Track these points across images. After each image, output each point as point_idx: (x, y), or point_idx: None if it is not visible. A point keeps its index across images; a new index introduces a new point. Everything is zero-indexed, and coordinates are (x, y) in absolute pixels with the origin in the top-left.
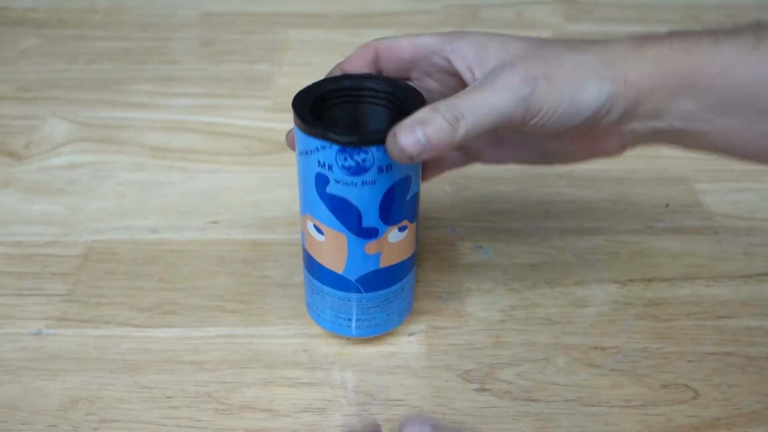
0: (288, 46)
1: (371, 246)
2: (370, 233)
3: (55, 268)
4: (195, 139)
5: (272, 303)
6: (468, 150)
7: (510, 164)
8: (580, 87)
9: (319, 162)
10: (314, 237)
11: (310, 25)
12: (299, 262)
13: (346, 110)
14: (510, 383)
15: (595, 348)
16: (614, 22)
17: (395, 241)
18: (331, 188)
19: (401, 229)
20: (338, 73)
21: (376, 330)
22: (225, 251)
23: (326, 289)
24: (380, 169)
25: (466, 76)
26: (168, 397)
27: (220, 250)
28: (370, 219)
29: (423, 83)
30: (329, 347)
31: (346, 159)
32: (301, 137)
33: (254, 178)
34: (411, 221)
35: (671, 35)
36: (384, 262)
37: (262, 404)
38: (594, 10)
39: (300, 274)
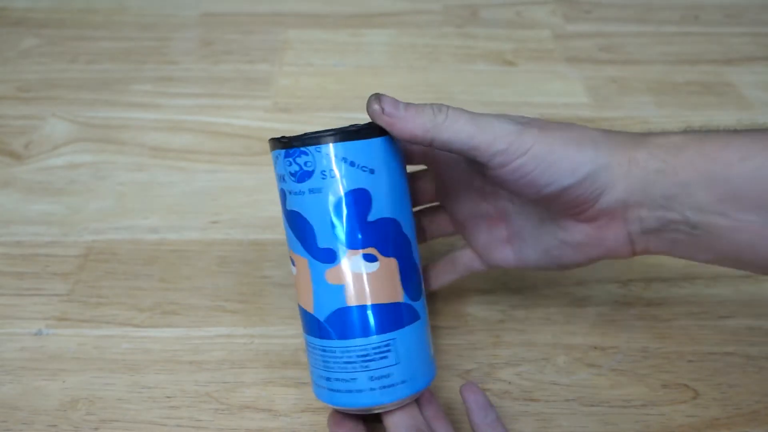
0: (288, 46)
1: (331, 273)
2: (328, 256)
3: (55, 268)
4: (195, 139)
5: (272, 303)
6: (477, 247)
7: (524, 267)
8: (574, 145)
9: (277, 176)
10: (293, 273)
11: (310, 25)
12: None
13: None
14: (510, 383)
15: (595, 348)
16: (614, 22)
17: (360, 272)
18: (289, 203)
19: (368, 258)
20: None
21: (352, 399)
22: (225, 251)
23: (308, 338)
24: (323, 175)
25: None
26: (168, 397)
27: (220, 250)
28: (325, 237)
29: None
30: None
31: (290, 164)
32: (273, 159)
33: (254, 178)
34: (384, 253)
35: (686, 130)
36: (351, 299)
37: (262, 404)
38: (594, 10)
39: None
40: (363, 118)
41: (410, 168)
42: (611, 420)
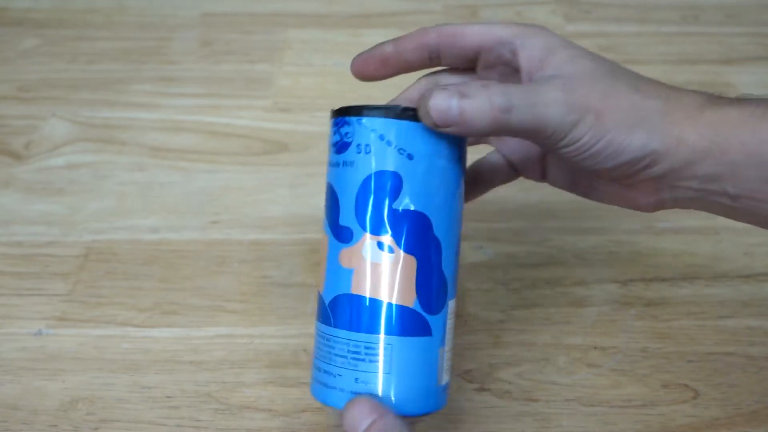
0: (288, 46)
1: (345, 254)
2: (346, 234)
3: (55, 268)
4: (195, 139)
5: (272, 303)
6: (512, 159)
7: (551, 185)
8: (626, 132)
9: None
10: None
11: (310, 25)
12: (299, 262)
13: None
14: (510, 383)
15: (595, 348)
16: (614, 23)
17: (372, 260)
18: (328, 175)
19: (383, 248)
20: (388, 47)
21: (331, 397)
22: (225, 251)
23: (316, 323)
24: (359, 148)
25: (524, 76)
26: (168, 397)
27: (220, 250)
28: (347, 214)
29: (483, 76)
30: None
31: (335, 133)
32: None
33: (254, 178)
34: (402, 246)
35: (743, 101)
36: (356, 287)
37: (262, 404)
38: (594, 10)
39: (300, 274)
40: None
41: None
42: (611, 420)
